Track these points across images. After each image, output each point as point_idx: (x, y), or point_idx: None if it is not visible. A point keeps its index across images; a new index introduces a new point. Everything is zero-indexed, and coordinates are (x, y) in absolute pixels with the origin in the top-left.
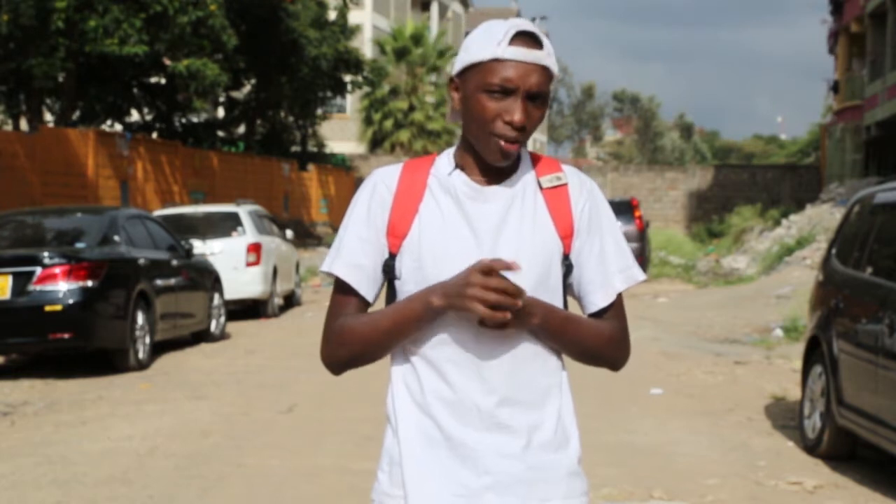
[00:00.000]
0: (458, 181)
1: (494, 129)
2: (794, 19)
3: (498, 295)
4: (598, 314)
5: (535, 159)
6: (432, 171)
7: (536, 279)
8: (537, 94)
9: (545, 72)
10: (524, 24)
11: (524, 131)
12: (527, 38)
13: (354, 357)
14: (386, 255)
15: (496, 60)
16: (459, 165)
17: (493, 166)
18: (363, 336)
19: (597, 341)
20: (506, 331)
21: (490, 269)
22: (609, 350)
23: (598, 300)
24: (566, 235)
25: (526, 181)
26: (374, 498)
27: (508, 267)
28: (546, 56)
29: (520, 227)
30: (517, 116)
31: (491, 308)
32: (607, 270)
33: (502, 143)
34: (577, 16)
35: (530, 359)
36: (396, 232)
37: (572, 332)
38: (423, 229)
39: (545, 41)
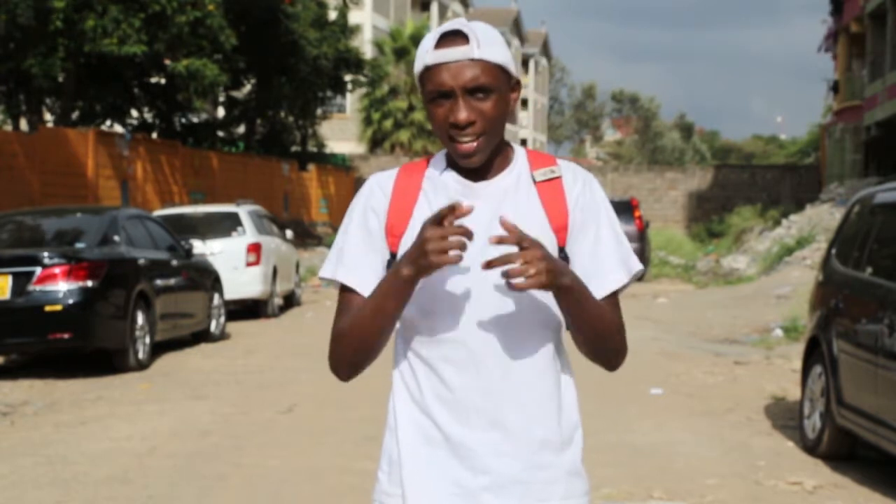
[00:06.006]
0: (450, 180)
1: (447, 133)
2: (794, 20)
3: (456, 238)
4: None
5: (530, 155)
6: (426, 173)
7: None
8: (476, 87)
9: (480, 64)
10: (451, 25)
11: (475, 126)
12: (453, 37)
13: (354, 350)
14: (388, 256)
15: (427, 69)
16: (451, 164)
17: (484, 164)
18: (353, 326)
19: (609, 322)
20: (537, 288)
21: (440, 217)
22: (617, 337)
23: (595, 291)
24: (560, 228)
25: (519, 176)
26: (375, 498)
27: (463, 212)
28: (475, 48)
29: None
30: (459, 115)
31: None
32: (604, 262)
33: (458, 145)
34: (577, 16)
35: (529, 356)
36: (395, 231)
37: (594, 304)
38: (416, 229)
39: (476, 34)
